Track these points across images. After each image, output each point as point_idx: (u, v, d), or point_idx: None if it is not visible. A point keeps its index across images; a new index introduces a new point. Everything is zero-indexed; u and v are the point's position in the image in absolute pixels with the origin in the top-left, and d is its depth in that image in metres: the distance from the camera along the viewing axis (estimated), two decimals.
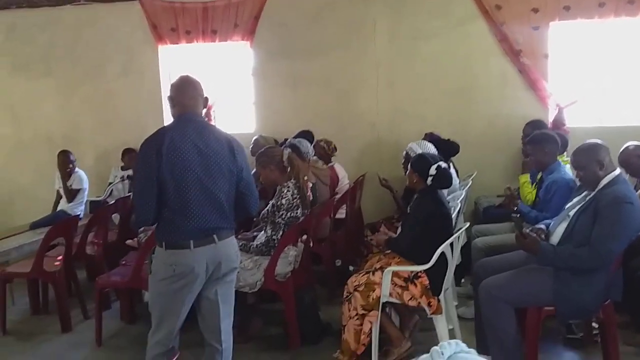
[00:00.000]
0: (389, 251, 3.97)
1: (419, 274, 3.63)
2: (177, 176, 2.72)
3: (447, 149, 5.33)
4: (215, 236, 2.81)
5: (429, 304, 3.61)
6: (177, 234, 2.76)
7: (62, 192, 5.99)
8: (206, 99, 2.97)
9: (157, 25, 6.82)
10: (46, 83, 7.27)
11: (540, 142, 4.19)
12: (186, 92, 2.90)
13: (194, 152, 2.76)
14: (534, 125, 5.36)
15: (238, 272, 3.80)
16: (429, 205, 3.78)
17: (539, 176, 4.41)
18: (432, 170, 3.78)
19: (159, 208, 2.76)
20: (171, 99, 2.93)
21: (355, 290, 3.68)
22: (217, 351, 2.95)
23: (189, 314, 2.96)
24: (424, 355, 1.13)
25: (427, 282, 3.62)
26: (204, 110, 3.01)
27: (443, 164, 3.83)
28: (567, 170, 4.28)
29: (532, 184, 4.54)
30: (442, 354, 1.10)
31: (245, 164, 3.00)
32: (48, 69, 7.24)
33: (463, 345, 1.14)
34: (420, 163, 3.87)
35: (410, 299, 3.61)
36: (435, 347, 1.12)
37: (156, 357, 2.88)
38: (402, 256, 3.80)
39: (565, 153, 4.87)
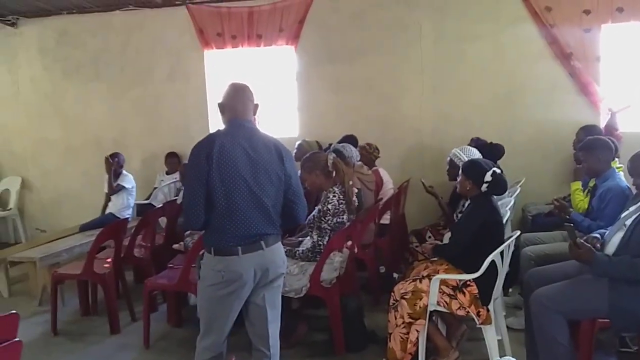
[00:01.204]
0: (436, 259, 3.91)
1: (468, 282, 3.56)
2: (226, 181, 2.73)
3: (493, 152, 5.20)
4: (262, 242, 2.82)
5: (477, 314, 3.54)
6: (225, 239, 2.77)
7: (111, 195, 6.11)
8: (256, 105, 2.98)
9: (204, 30, 6.91)
10: (95, 88, 7.46)
11: (593, 148, 4.06)
12: (236, 98, 2.92)
13: (244, 158, 2.78)
14: (588, 131, 5.21)
15: (284, 278, 3.85)
16: (483, 213, 3.70)
17: (591, 183, 4.28)
18: (488, 177, 3.70)
19: (207, 212, 2.77)
20: (221, 105, 2.95)
21: (402, 298, 3.63)
22: (265, 356, 2.95)
23: (237, 319, 2.98)
24: None
25: (476, 291, 3.55)
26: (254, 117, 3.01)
27: (498, 170, 3.75)
28: (622, 177, 4.15)
29: (584, 191, 4.41)
30: None
31: (293, 171, 2.99)
32: (97, 73, 7.43)
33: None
34: (474, 169, 3.79)
35: (459, 308, 3.55)
36: None
37: None
38: (451, 263, 3.74)
39: (617, 159, 4.72)
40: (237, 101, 2.91)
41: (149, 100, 7.28)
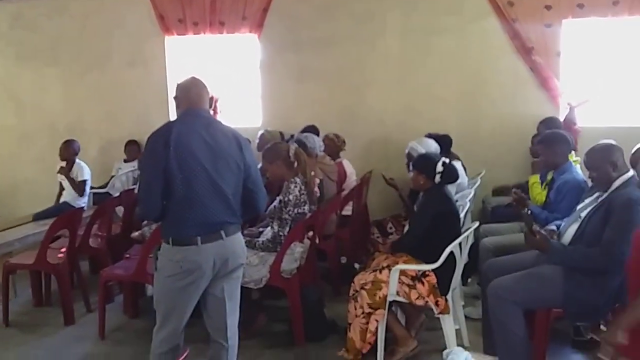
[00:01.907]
0: None
1: (427, 272, 3.58)
2: (185, 169, 2.68)
3: (444, 142, 5.30)
4: (222, 232, 2.78)
5: (436, 303, 3.56)
6: (184, 229, 2.72)
7: (64, 184, 5.94)
8: (212, 98, 2.93)
9: (164, 16, 6.76)
10: (51, 73, 7.24)
11: (551, 142, 4.13)
12: (191, 90, 2.89)
13: (202, 145, 2.73)
14: (548, 123, 5.30)
15: (244, 268, 3.80)
16: (437, 203, 3.74)
17: (549, 177, 4.34)
18: (439, 167, 3.74)
19: (165, 201, 2.72)
20: (176, 98, 2.92)
21: (362, 288, 3.63)
22: (223, 348, 2.91)
23: (193, 310, 2.93)
24: None
25: (435, 280, 3.58)
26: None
27: (446, 159, 3.81)
28: (579, 170, 4.23)
29: (542, 184, 4.48)
30: None
31: (252, 160, 2.96)
32: (54, 58, 7.21)
33: (466, 354, 1.13)
34: (425, 163, 3.82)
35: (418, 297, 3.56)
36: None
37: (162, 355, 2.83)
38: (411, 254, 3.76)
39: (574, 152, 4.81)
40: (192, 92, 2.88)
41: (108, 86, 7.10)
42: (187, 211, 2.71)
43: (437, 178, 3.74)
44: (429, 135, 5.41)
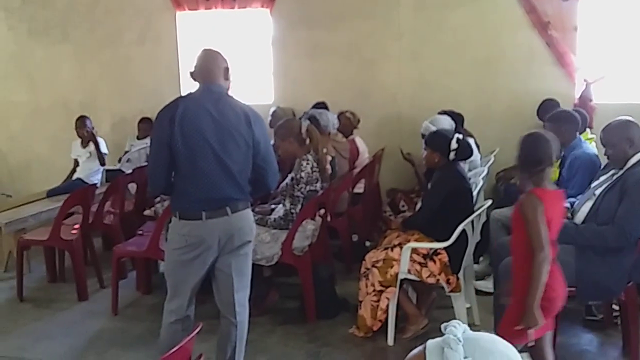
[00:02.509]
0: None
1: (438, 250, 3.57)
2: (190, 144, 2.69)
3: (456, 120, 5.22)
4: (228, 208, 2.78)
5: (447, 282, 3.56)
6: (189, 203, 2.76)
7: (80, 160, 5.97)
8: (226, 69, 2.90)
9: None
10: (63, 49, 7.21)
11: (557, 120, 4.12)
12: (202, 65, 2.86)
13: (208, 121, 2.72)
14: (546, 108, 5.27)
15: (255, 245, 3.80)
16: (450, 181, 3.71)
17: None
18: (454, 144, 3.70)
19: (171, 176, 2.77)
20: (192, 74, 2.90)
21: (373, 266, 3.63)
22: (231, 324, 2.93)
23: (207, 286, 2.96)
24: (435, 341, 1.11)
25: (447, 259, 3.57)
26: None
27: (459, 135, 3.78)
28: (590, 146, 4.18)
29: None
30: (460, 340, 1.08)
31: (263, 136, 2.92)
32: (65, 34, 7.17)
33: (464, 326, 1.13)
34: (438, 141, 3.79)
35: (429, 276, 3.56)
36: (448, 335, 1.09)
37: (171, 325, 2.89)
38: (422, 232, 3.74)
39: (588, 130, 4.74)
40: (202, 68, 2.85)
41: (119, 62, 7.07)
42: (192, 187, 2.73)
43: (452, 155, 3.71)
44: (443, 112, 5.36)
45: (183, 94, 6.62)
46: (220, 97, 2.82)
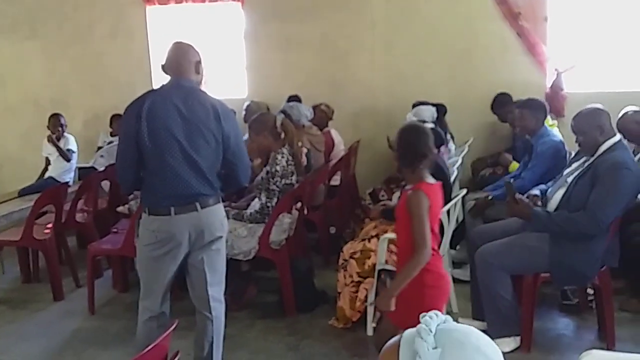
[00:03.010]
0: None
1: None
2: (156, 140, 2.65)
3: (439, 111, 5.30)
4: (197, 204, 2.75)
5: None
6: (158, 199, 2.73)
7: (51, 158, 5.88)
8: (198, 63, 2.84)
9: None
10: (32, 45, 7.08)
11: (530, 107, 4.20)
12: (171, 59, 2.81)
13: (176, 117, 2.68)
14: (500, 102, 5.40)
15: (232, 240, 3.80)
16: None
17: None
18: None
19: (140, 172, 2.74)
20: (162, 66, 2.85)
21: (351, 257, 3.64)
22: (207, 319, 2.91)
23: (184, 282, 2.94)
24: (411, 330, 1.11)
25: None
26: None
27: (431, 125, 3.81)
28: (555, 132, 4.27)
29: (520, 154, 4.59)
30: (431, 330, 1.08)
31: (233, 131, 2.86)
32: (34, 30, 7.04)
33: (442, 315, 1.13)
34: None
35: None
36: (421, 325, 1.09)
37: (146, 322, 2.86)
38: None
39: (549, 117, 4.85)
40: (176, 60, 2.80)
41: (90, 58, 6.97)
42: (160, 183, 2.70)
43: None
44: (419, 103, 5.40)
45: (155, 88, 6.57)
46: (189, 91, 2.78)
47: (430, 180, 2.55)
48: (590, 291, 3.78)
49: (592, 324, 3.61)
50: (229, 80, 6.85)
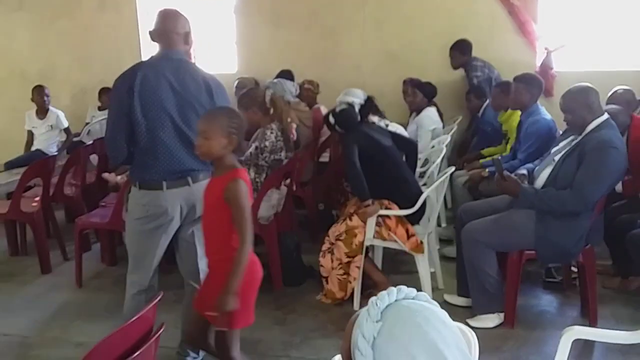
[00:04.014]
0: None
1: (390, 206, 3.64)
2: (148, 115, 2.62)
3: (428, 90, 5.38)
4: (189, 178, 2.74)
5: (407, 233, 3.61)
6: (150, 174, 2.70)
7: (35, 132, 5.83)
8: (187, 34, 2.78)
9: None
10: (19, 17, 6.99)
11: (527, 82, 4.16)
12: (164, 28, 2.75)
13: (168, 91, 2.65)
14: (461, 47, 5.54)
15: None
16: (354, 140, 3.76)
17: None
18: (331, 119, 3.87)
19: (131, 146, 2.70)
20: (151, 33, 2.78)
21: (337, 239, 3.66)
22: (196, 290, 2.91)
23: (171, 256, 2.94)
24: (364, 308, 1.12)
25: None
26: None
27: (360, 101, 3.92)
28: (546, 111, 4.28)
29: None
30: (377, 305, 1.09)
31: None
32: (20, 2, 6.96)
33: (408, 291, 1.14)
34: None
35: (389, 233, 3.61)
36: (373, 298, 1.11)
37: (135, 296, 2.86)
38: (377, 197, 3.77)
39: None
40: (164, 30, 2.74)
41: (78, 31, 6.88)
42: (152, 158, 2.68)
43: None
44: (410, 81, 5.42)
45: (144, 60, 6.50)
46: (180, 64, 2.74)
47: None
48: (574, 269, 3.83)
49: (575, 301, 3.66)
50: (220, 55, 6.80)
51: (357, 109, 3.87)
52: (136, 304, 2.84)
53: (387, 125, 4.18)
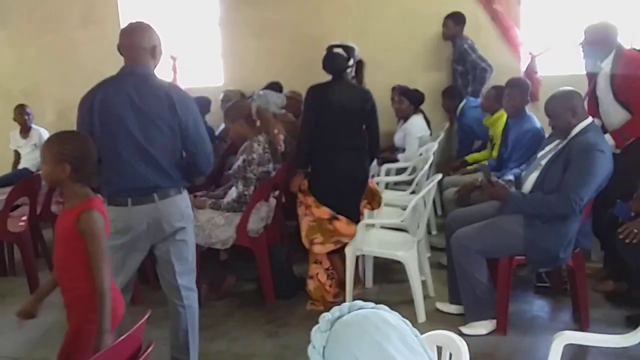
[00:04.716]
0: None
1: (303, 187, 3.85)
2: (110, 133, 2.59)
3: (416, 98, 5.41)
4: (155, 195, 2.68)
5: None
6: (115, 190, 2.68)
7: (21, 151, 5.79)
8: (154, 48, 2.72)
9: None
10: (2, 36, 6.93)
11: (521, 87, 4.24)
12: (130, 43, 2.71)
13: (127, 108, 2.59)
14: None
15: (209, 229, 3.78)
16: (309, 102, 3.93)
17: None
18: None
19: (98, 165, 2.63)
20: (117, 48, 2.74)
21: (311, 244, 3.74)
22: (179, 307, 2.87)
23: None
24: (315, 327, 1.16)
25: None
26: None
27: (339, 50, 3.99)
28: (536, 119, 4.31)
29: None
30: (327, 317, 1.14)
31: (192, 120, 2.74)
32: (2, 19, 6.92)
33: (364, 304, 1.17)
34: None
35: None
36: (326, 313, 1.16)
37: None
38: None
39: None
40: (130, 45, 2.70)
41: (61, 47, 6.85)
42: (117, 176, 2.64)
43: None
44: (399, 88, 5.46)
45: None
46: (144, 79, 2.67)
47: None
48: (564, 273, 3.84)
49: (566, 305, 3.66)
50: (205, 68, 6.79)
51: (353, 61, 3.91)
52: None
53: None
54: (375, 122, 3.90)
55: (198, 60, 6.78)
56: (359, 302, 1.16)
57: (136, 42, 2.69)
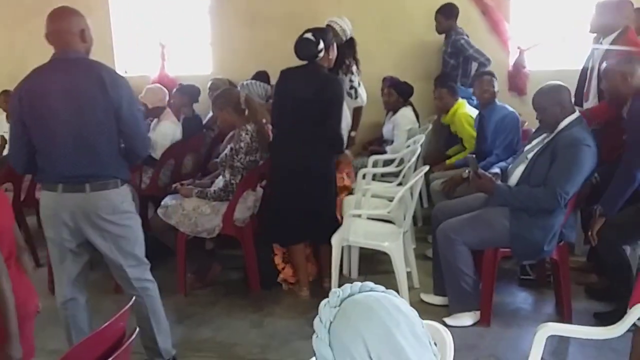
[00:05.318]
0: None
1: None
2: (40, 122, 2.56)
3: (405, 90, 5.42)
4: (87, 185, 2.61)
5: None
6: (48, 176, 2.66)
7: (7, 136, 5.71)
8: (82, 32, 2.67)
9: None
10: None
11: (494, 76, 4.47)
12: (57, 28, 2.64)
13: (59, 95, 2.55)
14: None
15: (195, 218, 3.77)
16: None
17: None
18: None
19: (33, 154, 2.65)
20: (45, 36, 2.69)
21: None
22: (138, 298, 2.79)
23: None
24: (324, 300, 1.17)
25: None
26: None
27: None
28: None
29: None
30: (339, 294, 1.15)
31: (126, 101, 2.63)
32: None
33: (374, 286, 1.17)
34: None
35: None
36: (334, 289, 1.16)
37: (60, 308, 2.85)
38: None
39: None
40: (57, 31, 2.64)
41: None
42: (49, 164, 2.62)
43: None
44: (390, 79, 5.47)
45: (116, 65, 6.44)
46: (74, 64, 2.62)
47: None
48: (548, 266, 3.87)
49: (550, 298, 3.70)
50: (194, 57, 6.75)
51: (323, 44, 3.87)
52: (63, 316, 2.85)
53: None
54: (334, 112, 3.65)
55: (187, 48, 6.73)
56: (370, 284, 1.17)
57: (64, 27, 2.64)
